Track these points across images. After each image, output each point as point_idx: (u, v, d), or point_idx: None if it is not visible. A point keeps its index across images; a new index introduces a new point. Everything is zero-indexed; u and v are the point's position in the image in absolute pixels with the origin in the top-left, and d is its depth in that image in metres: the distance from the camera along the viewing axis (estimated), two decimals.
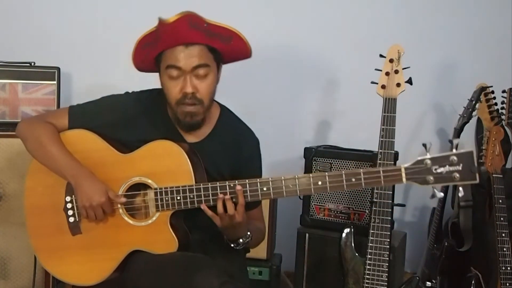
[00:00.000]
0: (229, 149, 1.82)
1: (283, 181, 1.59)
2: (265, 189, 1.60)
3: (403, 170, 1.48)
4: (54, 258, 1.78)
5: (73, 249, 1.76)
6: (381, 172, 1.50)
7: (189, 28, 1.64)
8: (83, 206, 1.69)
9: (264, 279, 2.55)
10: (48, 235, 1.78)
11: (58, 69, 2.51)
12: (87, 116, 1.81)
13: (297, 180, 1.58)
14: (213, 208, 1.65)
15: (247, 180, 1.62)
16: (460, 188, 1.48)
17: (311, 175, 1.57)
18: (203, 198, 1.64)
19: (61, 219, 1.77)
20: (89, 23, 2.89)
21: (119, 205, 1.72)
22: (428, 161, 1.46)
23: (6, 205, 2.32)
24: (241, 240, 1.73)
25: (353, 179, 1.52)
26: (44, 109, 2.49)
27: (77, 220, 1.76)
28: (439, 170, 1.44)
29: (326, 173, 1.56)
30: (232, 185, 1.62)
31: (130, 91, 1.88)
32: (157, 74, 1.79)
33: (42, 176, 1.79)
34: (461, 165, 1.43)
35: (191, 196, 1.65)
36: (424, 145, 1.48)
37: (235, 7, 2.90)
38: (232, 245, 1.75)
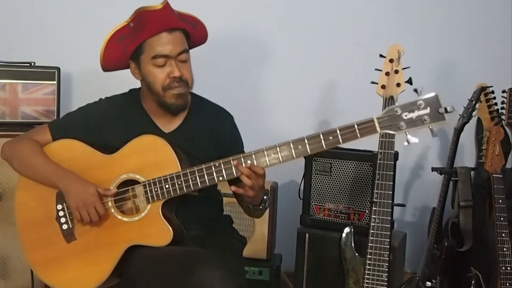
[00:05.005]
0: (210, 128, 1.88)
1: (265, 151, 1.63)
2: (249, 162, 1.63)
3: (375, 120, 1.56)
4: (51, 268, 1.77)
5: (70, 257, 1.75)
6: (356, 125, 1.57)
7: (173, 13, 1.76)
8: (76, 207, 1.70)
9: (264, 279, 2.55)
10: (43, 247, 1.78)
11: (58, 69, 2.52)
12: (67, 127, 1.85)
13: (278, 148, 1.62)
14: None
15: (230, 158, 1.65)
16: (431, 127, 1.54)
17: (290, 141, 1.61)
18: (190, 182, 1.67)
19: (55, 228, 1.77)
20: (90, 23, 2.89)
21: (110, 204, 1.73)
22: (398, 109, 1.54)
23: (6, 205, 2.32)
24: (265, 197, 1.78)
25: (331, 137, 1.60)
26: (44, 109, 2.50)
27: (71, 226, 1.76)
28: (409, 116, 1.54)
29: (305, 136, 1.61)
30: (217, 165, 1.65)
31: (103, 97, 1.92)
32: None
33: (31, 190, 1.81)
34: (428, 108, 1.53)
35: (179, 183, 1.68)
36: (416, 90, 1.55)
37: (234, 6, 2.90)
38: (261, 207, 1.80)
